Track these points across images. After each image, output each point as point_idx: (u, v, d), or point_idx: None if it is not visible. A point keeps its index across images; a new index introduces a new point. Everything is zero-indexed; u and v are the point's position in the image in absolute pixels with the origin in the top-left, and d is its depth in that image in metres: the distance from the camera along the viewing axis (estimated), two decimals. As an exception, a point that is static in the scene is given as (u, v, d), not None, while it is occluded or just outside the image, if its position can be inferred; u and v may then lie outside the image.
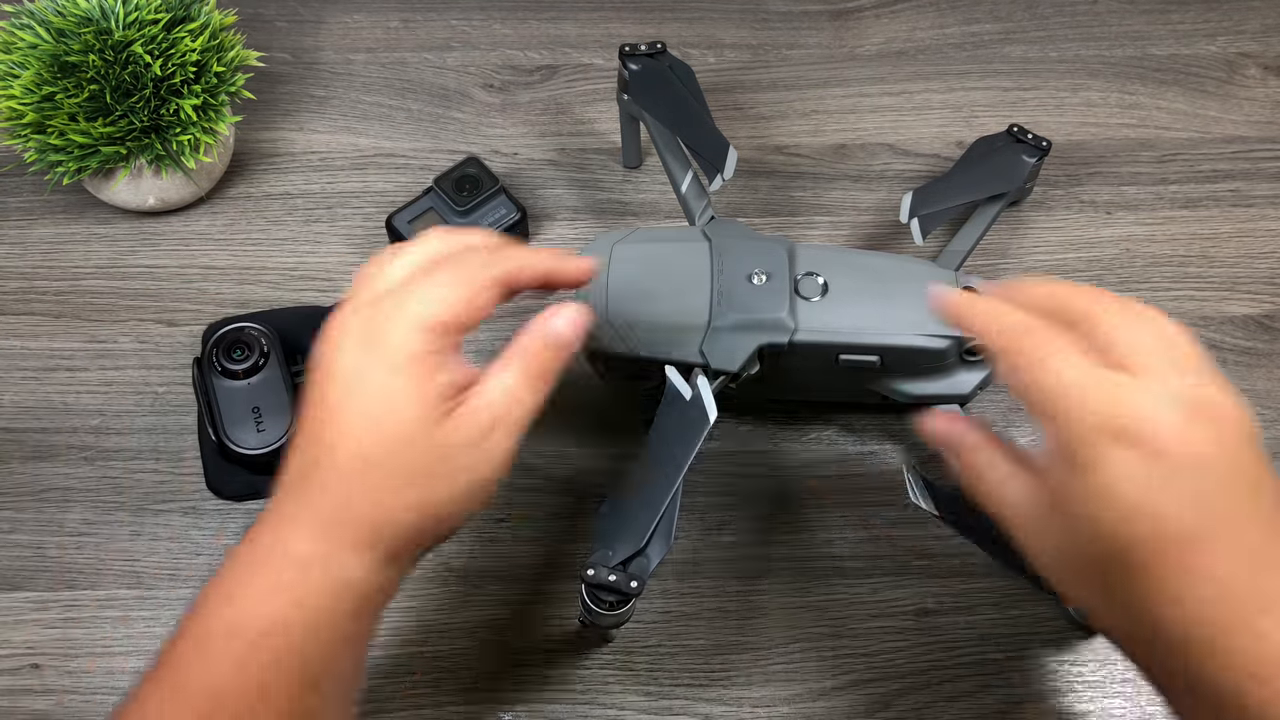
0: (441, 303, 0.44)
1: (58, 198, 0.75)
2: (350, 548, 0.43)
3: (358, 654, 0.45)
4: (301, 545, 0.43)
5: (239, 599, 0.43)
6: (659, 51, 0.69)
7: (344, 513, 0.43)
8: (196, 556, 0.63)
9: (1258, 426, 0.40)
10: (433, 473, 0.44)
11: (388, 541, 0.44)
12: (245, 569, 0.44)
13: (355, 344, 0.44)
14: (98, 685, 0.59)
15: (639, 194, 0.77)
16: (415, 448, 0.43)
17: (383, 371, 0.43)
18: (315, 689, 0.42)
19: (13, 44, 0.67)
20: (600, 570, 0.51)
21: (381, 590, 0.45)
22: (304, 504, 0.44)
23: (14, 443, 0.66)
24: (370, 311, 0.45)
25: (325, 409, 0.44)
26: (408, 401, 0.43)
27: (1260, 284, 0.73)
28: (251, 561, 0.44)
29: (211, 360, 0.64)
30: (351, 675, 0.45)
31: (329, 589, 0.43)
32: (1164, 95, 0.81)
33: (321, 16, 0.85)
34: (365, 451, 0.43)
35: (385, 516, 0.44)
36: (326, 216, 0.75)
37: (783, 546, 0.64)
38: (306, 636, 0.42)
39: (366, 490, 0.43)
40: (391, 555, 0.44)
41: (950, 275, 0.63)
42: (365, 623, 0.45)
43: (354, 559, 0.43)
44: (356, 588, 0.43)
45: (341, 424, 0.44)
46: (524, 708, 0.59)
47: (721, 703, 0.60)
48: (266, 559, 0.43)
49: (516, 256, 0.47)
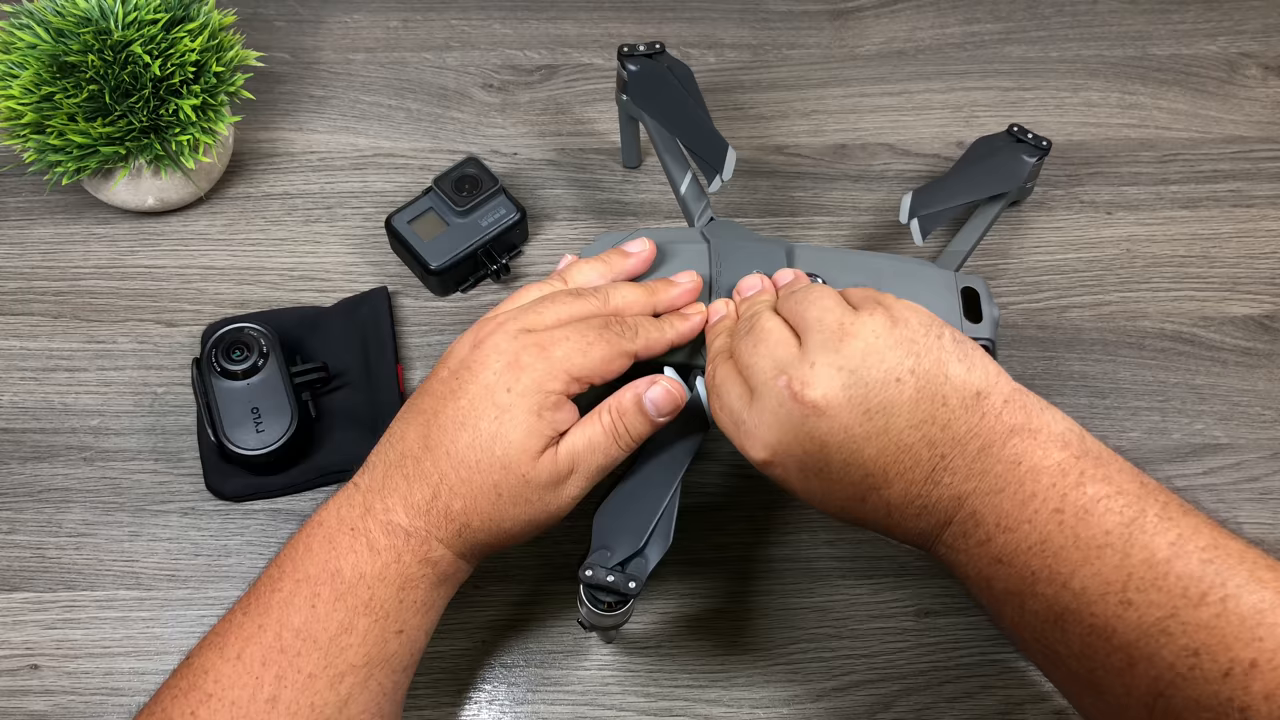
0: (583, 358, 0.51)
1: (57, 198, 0.75)
2: (437, 536, 0.50)
3: (429, 622, 0.51)
4: (399, 519, 0.50)
5: (337, 550, 0.49)
6: (658, 52, 0.69)
7: (436, 504, 0.50)
8: (196, 557, 0.63)
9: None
10: (515, 500, 0.50)
11: (465, 540, 0.51)
12: (341, 525, 0.50)
13: (503, 367, 0.51)
14: (96, 686, 0.59)
15: (639, 194, 0.77)
16: (509, 475, 0.50)
17: (515, 402, 0.50)
18: (398, 635, 0.49)
19: (12, 44, 0.67)
20: (599, 571, 0.51)
21: (456, 575, 0.52)
22: (398, 488, 0.50)
23: (13, 443, 0.66)
24: (526, 341, 0.51)
25: (446, 413, 0.51)
26: (522, 435, 0.50)
27: (1261, 284, 0.73)
28: (347, 518, 0.50)
29: (211, 361, 0.64)
30: (422, 639, 0.51)
31: (419, 558, 0.50)
32: (1164, 95, 0.81)
33: (321, 16, 0.85)
34: (469, 462, 0.50)
35: (467, 520, 0.50)
36: (326, 217, 0.75)
37: (783, 547, 0.64)
38: (394, 590, 0.49)
39: (458, 495, 0.50)
40: (466, 551, 0.51)
41: (950, 275, 0.63)
42: (441, 595, 0.52)
43: (439, 544, 0.50)
44: (439, 565, 0.50)
45: (457, 432, 0.50)
46: (524, 709, 0.59)
47: (721, 703, 0.59)
48: (363, 519, 0.50)
49: (656, 336, 0.54)
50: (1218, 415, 0.68)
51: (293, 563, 0.49)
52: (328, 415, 0.66)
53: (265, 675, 0.47)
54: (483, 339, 0.52)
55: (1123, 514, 0.43)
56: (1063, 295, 0.73)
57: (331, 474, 0.65)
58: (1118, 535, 0.43)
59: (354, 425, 0.66)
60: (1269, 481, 0.66)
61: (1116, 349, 0.71)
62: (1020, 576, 0.45)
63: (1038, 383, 0.69)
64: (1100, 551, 0.43)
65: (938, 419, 0.46)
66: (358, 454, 0.65)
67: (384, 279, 0.72)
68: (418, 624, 0.50)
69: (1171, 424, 0.68)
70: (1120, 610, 0.42)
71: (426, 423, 0.51)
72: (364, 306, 0.70)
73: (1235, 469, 0.67)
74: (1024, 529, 0.44)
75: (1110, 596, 0.42)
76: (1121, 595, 0.42)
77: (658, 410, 0.53)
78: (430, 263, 0.70)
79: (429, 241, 0.70)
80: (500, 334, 0.52)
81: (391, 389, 0.67)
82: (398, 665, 0.50)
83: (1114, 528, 0.43)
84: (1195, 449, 0.67)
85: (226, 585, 0.62)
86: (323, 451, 0.65)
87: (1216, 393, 0.69)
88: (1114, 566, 0.42)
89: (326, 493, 0.65)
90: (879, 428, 0.46)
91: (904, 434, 0.46)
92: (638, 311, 0.55)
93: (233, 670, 0.47)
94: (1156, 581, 0.41)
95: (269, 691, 0.46)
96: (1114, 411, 0.68)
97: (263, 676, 0.47)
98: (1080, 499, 0.44)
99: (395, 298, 0.72)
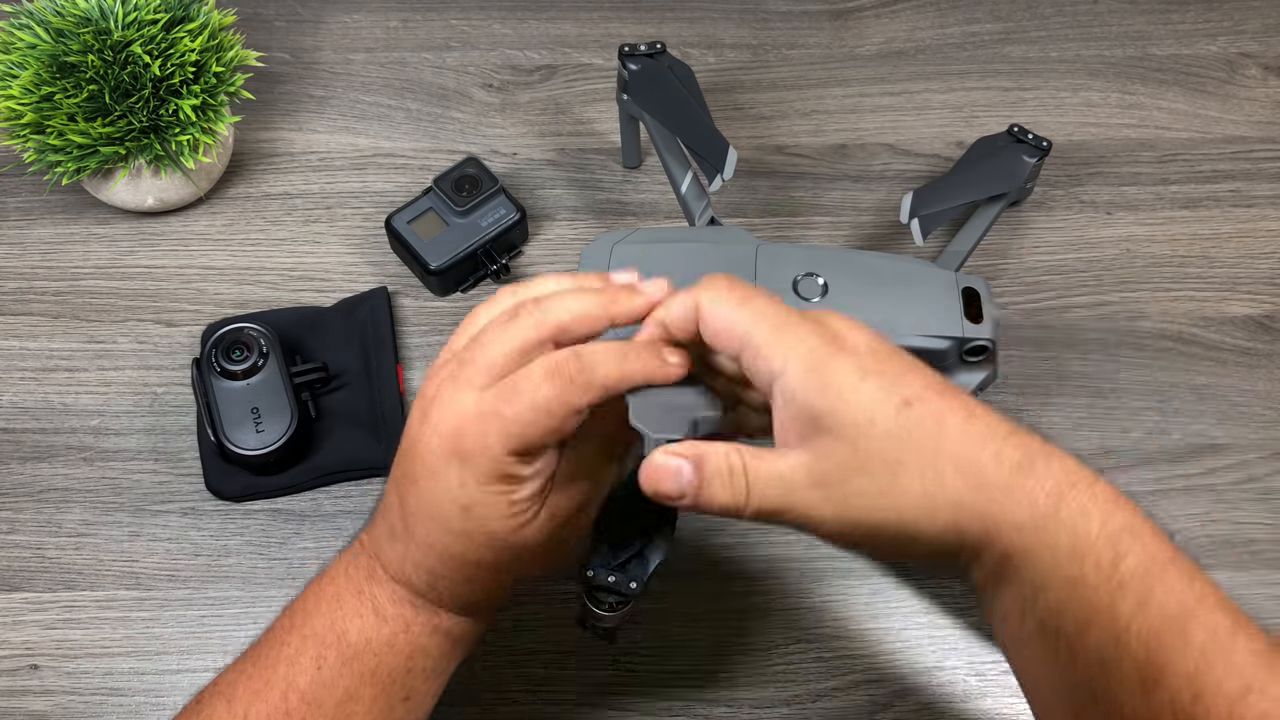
0: (533, 425, 0.42)
1: (57, 198, 0.75)
2: (445, 608, 0.48)
3: (437, 688, 0.49)
4: (403, 592, 0.47)
5: (344, 610, 0.47)
6: (658, 52, 0.69)
7: (435, 587, 0.47)
8: (195, 557, 0.63)
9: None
10: (507, 568, 0.46)
11: (476, 608, 0.48)
12: (349, 585, 0.47)
13: (448, 453, 0.44)
14: (96, 686, 0.59)
15: (639, 194, 0.77)
16: (498, 550, 0.45)
17: (471, 478, 0.43)
18: (404, 703, 0.47)
19: (12, 44, 0.67)
20: (600, 571, 0.51)
21: (473, 634, 0.49)
22: (395, 561, 0.47)
23: (12, 443, 0.66)
24: (466, 413, 0.43)
25: (416, 496, 0.45)
26: (495, 518, 0.44)
27: (1260, 284, 0.73)
28: (354, 579, 0.47)
29: (210, 361, 0.64)
30: (429, 703, 0.49)
31: (429, 628, 0.47)
32: (1164, 95, 0.81)
33: (321, 16, 0.85)
34: (456, 555, 0.45)
35: (473, 600, 0.48)
36: (325, 217, 0.75)
37: (783, 547, 0.64)
38: (403, 659, 0.47)
39: (458, 583, 0.46)
40: (480, 614, 0.49)
41: (950, 275, 0.63)
42: (455, 658, 0.50)
43: (448, 615, 0.48)
44: (452, 632, 0.48)
45: (431, 526, 0.45)
46: (524, 709, 0.59)
47: (721, 703, 0.59)
48: (369, 583, 0.47)
49: (614, 373, 0.43)
50: (1218, 415, 0.68)
51: (303, 615, 0.47)
52: (328, 415, 0.66)
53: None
54: (427, 410, 0.44)
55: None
56: (1063, 295, 0.73)
57: (331, 474, 0.65)
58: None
59: (354, 425, 0.66)
60: (1269, 481, 0.66)
61: (1116, 349, 0.71)
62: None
63: (1038, 383, 0.69)
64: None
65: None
66: (357, 454, 0.65)
67: (384, 279, 0.72)
68: (425, 690, 0.48)
69: (1171, 424, 0.68)
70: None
71: (403, 500, 0.46)
72: (364, 306, 0.70)
73: (1235, 469, 0.67)
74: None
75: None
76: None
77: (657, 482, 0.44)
78: (430, 263, 0.70)
79: (429, 241, 0.70)
80: (436, 404, 0.44)
81: (391, 389, 0.67)
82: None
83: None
84: (1195, 449, 0.67)
85: (226, 585, 0.62)
86: (323, 451, 0.65)
87: (1216, 393, 0.69)
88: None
89: (326, 493, 0.65)
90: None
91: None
92: (586, 331, 0.44)
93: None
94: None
95: None
96: (1114, 412, 0.68)
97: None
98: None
99: (395, 298, 0.72)
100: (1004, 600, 0.41)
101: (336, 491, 0.65)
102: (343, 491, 0.65)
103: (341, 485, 0.65)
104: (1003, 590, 0.41)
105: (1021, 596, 0.40)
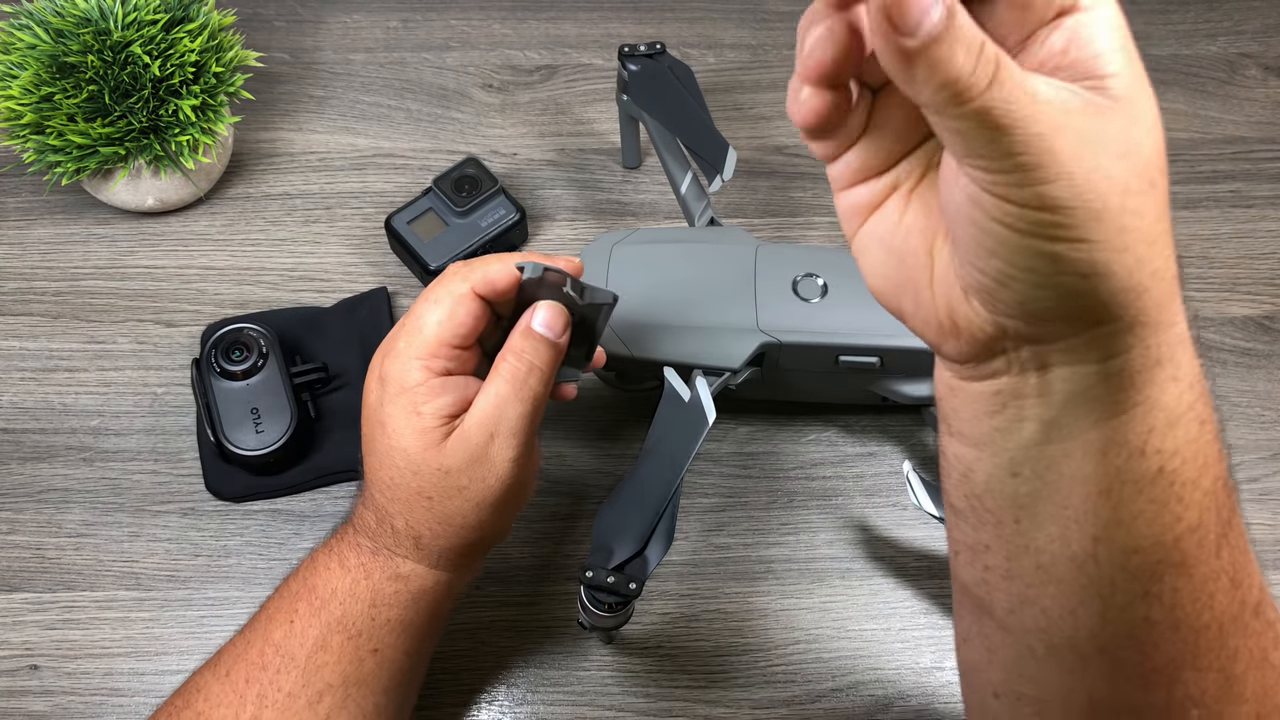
0: (420, 331, 0.48)
1: (56, 198, 0.75)
2: (398, 553, 0.50)
3: (409, 644, 0.50)
4: (363, 540, 0.50)
5: (315, 568, 0.50)
6: (658, 52, 0.69)
7: (383, 526, 0.50)
8: (195, 557, 0.63)
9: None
10: (447, 494, 0.48)
11: (428, 551, 0.50)
12: (323, 546, 0.51)
13: (375, 382, 0.50)
14: (96, 686, 0.59)
15: (639, 194, 0.77)
16: (421, 475, 0.48)
17: (392, 413, 0.48)
18: (374, 655, 0.49)
19: (11, 44, 0.67)
20: (599, 572, 0.51)
21: (436, 590, 0.51)
22: (358, 512, 0.51)
23: (12, 443, 0.66)
24: (385, 347, 0.50)
25: (366, 440, 0.50)
26: (413, 437, 0.48)
27: (1260, 285, 0.73)
28: (328, 540, 0.52)
29: (210, 361, 0.64)
30: (403, 661, 0.50)
31: (388, 574, 0.49)
32: (1164, 95, 0.81)
33: (321, 16, 0.85)
34: (386, 479, 0.49)
35: (417, 534, 0.49)
36: (325, 217, 0.75)
37: (783, 547, 0.64)
38: (365, 607, 0.49)
39: (396, 515, 0.49)
40: (438, 560, 0.50)
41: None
42: (421, 614, 0.50)
43: (403, 560, 0.50)
44: (411, 581, 0.50)
45: (370, 458, 0.50)
46: (524, 709, 0.59)
47: (721, 704, 0.59)
48: (339, 541, 0.51)
49: (496, 266, 0.49)
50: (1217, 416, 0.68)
51: (285, 583, 0.51)
52: (328, 415, 0.66)
53: (249, 693, 0.47)
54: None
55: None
56: (1062, 295, 0.72)
57: (331, 474, 0.65)
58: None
59: (354, 425, 0.65)
60: (1269, 482, 0.66)
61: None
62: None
63: (1037, 383, 0.69)
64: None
65: None
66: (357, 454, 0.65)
67: (384, 279, 0.72)
68: (394, 644, 0.50)
69: (1171, 424, 0.68)
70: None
71: (365, 452, 0.51)
72: (364, 307, 0.70)
73: (1235, 469, 0.67)
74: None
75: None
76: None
77: (553, 332, 0.49)
78: (430, 263, 0.70)
79: (429, 242, 0.70)
80: (378, 353, 0.51)
81: (391, 389, 0.67)
82: (377, 687, 0.49)
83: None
84: (1195, 449, 0.67)
85: (226, 586, 0.62)
86: (322, 452, 0.65)
87: (1216, 393, 0.69)
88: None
89: (326, 494, 0.65)
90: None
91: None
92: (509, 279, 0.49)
93: (221, 689, 0.48)
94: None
95: (251, 712, 0.47)
96: (1114, 412, 0.68)
97: (246, 694, 0.47)
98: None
99: (395, 298, 0.72)
100: (1120, 425, 0.32)
101: (336, 492, 0.65)
102: (343, 491, 0.65)
103: (341, 485, 0.65)
104: (1125, 409, 0.32)
105: (1150, 427, 0.32)
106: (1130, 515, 0.33)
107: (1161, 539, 0.33)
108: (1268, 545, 0.64)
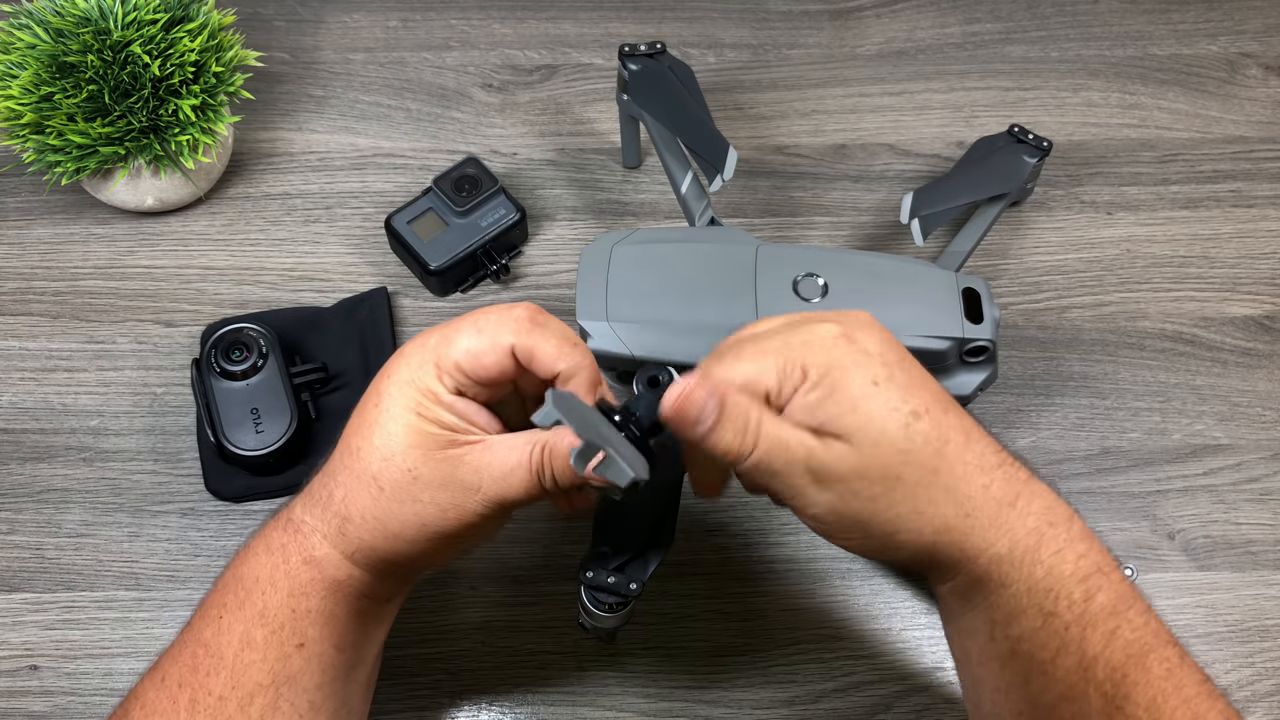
0: (455, 345, 0.46)
1: (56, 198, 0.75)
2: (321, 531, 0.47)
3: (336, 636, 0.47)
4: (296, 512, 0.48)
5: (246, 554, 0.48)
6: (659, 51, 0.69)
7: (322, 491, 0.47)
8: (195, 558, 0.63)
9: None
10: (399, 496, 0.46)
11: (350, 539, 0.47)
12: (258, 534, 0.49)
13: (393, 357, 0.48)
14: (95, 686, 0.59)
15: (639, 194, 0.77)
16: (390, 462, 0.46)
17: (394, 392, 0.46)
18: (299, 650, 0.46)
19: (11, 44, 0.67)
20: (599, 572, 0.51)
21: (350, 583, 0.47)
22: (308, 484, 0.49)
23: (12, 444, 0.66)
24: (414, 344, 0.47)
25: (360, 418, 0.47)
26: (401, 429, 0.46)
27: (1261, 284, 0.73)
28: (267, 527, 0.49)
29: (210, 361, 0.64)
30: (333, 655, 0.47)
31: (303, 557, 0.47)
32: (1165, 95, 0.81)
33: (320, 16, 0.85)
34: (352, 448, 0.47)
35: (348, 513, 0.47)
36: (325, 217, 0.75)
37: (783, 548, 0.64)
38: (284, 596, 0.46)
39: (340, 483, 0.47)
40: (354, 553, 0.47)
41: (951, 276, 0.63)
42: (340, 605, 0.47)
43: (322, 540, 0.47)
44: (325, 567, 0.47)
45: (356, 417, 0.47)
46: (524, 709, 0.59)
47: (721, 704, 0.59)
48: (273, 521, 0.49)
49: (543, 336, 0.46)
50: (1218, 416, 0.68)
51: (221, 573, 0.49)
52: (328, 415, 0.66)
53: (181, 699, 0.45)
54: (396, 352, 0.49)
55: None
56: (1063, 295, 0.72)
57: (331, 474, 0.65)
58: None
59: (354, 426, 0.66)
60: (1269, 482, 0.66)
61: (1117, 349, 0.70)
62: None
63: (1038, 383, 0.69)
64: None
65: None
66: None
67: (384, 279, 0.72)
68: (320, 637, 0.47)
69: (1171, 424, 0.68)
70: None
71: (350, 428, 0.48)
72: (363, 307, 0.70)
73: (1235, 469, 0.67)
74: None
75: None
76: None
77: (571, 474, 0.44)
78: (430, 263, 0.70)
79: (428, 242, 0.70)
80: (416, 337, 0.48)
81: (391, 389, 0.67)
82: (309, 684, 0.46)
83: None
84: (1195, 449, 0.67)
85: (226, 586, 0.62)
86: (323, 452, 0.65)
87: (1216, 393, 0.69)
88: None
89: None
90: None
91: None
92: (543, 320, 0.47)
93: (156, 695, 0.46)
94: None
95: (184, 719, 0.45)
96: (1114, 412, 0.68)
97: (179, 700, 0.45)
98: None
99: (395, 298, 0.72)
100: (973, 618, 0.46)
101: (336, 492, 0.65)
102: (342, 492, 0.65)
103: (341, 485, 0.65)
104: (972, 609, 0.45)
105: (992, 620, 0.44)
106: (1005, 684, 0.45)
107: (1038, 701, 0.43)
108: (1268, 545, 0.64)
